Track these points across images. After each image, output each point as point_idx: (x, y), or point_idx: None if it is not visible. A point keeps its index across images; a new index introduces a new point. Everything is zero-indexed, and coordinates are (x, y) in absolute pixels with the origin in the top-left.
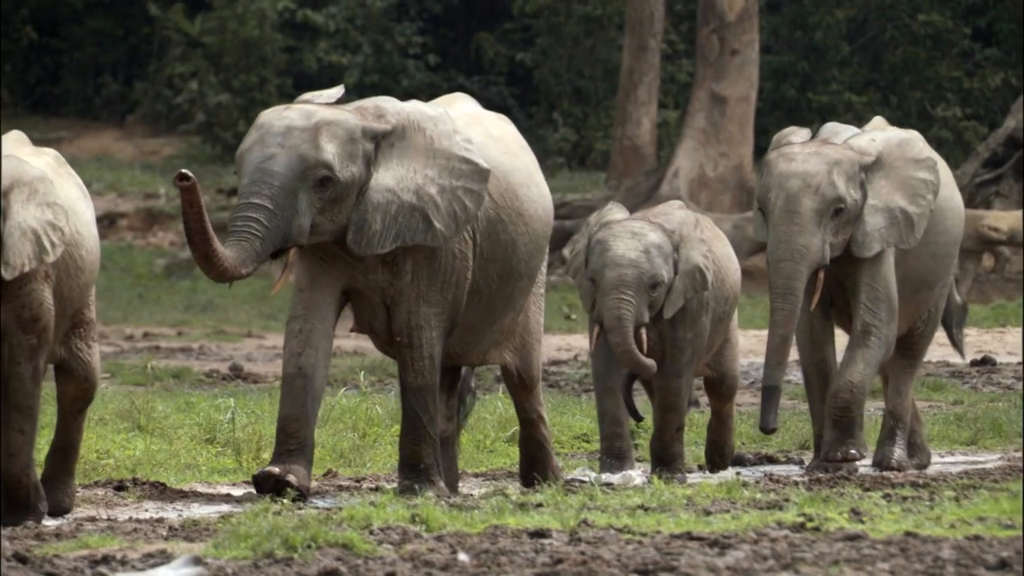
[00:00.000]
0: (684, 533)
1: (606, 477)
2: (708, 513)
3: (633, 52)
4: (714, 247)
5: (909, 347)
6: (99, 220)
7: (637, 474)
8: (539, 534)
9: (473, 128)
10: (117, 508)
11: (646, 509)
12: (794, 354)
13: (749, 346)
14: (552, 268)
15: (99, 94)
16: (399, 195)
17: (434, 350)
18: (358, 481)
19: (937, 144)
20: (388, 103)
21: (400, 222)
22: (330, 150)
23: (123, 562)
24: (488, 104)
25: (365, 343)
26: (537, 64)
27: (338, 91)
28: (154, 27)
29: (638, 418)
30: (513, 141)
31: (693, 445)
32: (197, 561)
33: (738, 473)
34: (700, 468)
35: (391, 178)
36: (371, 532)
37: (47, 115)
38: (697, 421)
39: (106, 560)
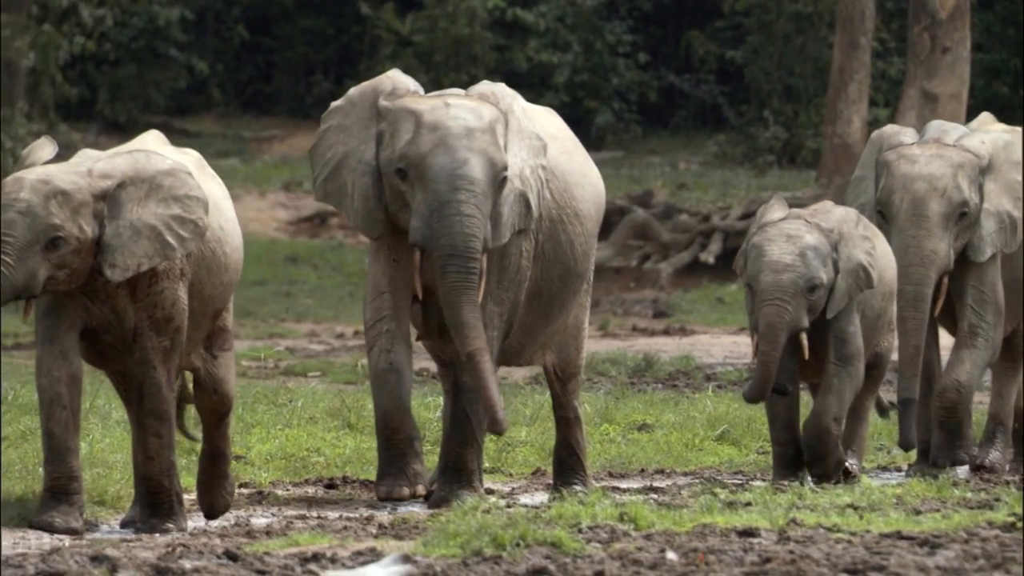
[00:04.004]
0: (894, 532)
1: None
2: (918, 512)
3: (844, 50)
4: (876, 244)
5: (1011, 351)
6: (310, 219)
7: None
8: (748, 533)
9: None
10: (327, 506)
11: (855, 508)
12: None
13: None
14: None
15: (310, 93)
16: (512, 182)
17: (494, 349)
18: None
19: None
20: (495, 88)
21: (514, 210)
22: (503, 149)
23: (333, 560)
24: (699, 103)
25: None
26: (747, 62)
27: (413, 80)
28: (365, 26)
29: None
30: (567, 138)
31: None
32: (406, 559)
33: (949, 472)
34: (909, 466)
35: None
36: (580, 530)
37: (259, 114)
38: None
39: (316, 558)
